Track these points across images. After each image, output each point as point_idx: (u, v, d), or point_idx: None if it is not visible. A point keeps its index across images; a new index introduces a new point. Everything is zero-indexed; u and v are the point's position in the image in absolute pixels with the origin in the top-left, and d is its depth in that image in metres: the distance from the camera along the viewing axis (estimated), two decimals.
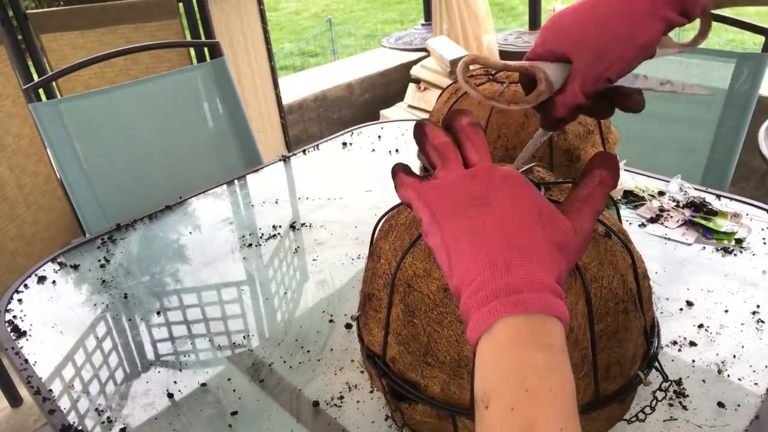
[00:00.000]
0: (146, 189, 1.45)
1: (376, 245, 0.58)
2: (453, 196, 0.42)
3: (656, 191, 1.07)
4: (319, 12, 7.26)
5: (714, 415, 0.64)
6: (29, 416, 1.73)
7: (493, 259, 0.38)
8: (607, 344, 0.52)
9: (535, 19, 3.53)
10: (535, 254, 0.39)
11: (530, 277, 0.37)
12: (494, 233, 0.39)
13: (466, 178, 0.42)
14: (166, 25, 1.98)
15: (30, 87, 1.29)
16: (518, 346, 0.36)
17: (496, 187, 0.41)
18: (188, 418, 0.70)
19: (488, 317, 0.37)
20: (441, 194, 0.42)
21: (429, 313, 0.51)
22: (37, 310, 0.92)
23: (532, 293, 0.37)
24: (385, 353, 0.56)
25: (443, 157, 0.44)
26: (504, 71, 0.88)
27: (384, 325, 0.55)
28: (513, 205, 0.40)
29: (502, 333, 0.36)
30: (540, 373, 0.35)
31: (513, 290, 0.37)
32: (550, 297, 0.37)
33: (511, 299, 0.37)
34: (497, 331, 0.37)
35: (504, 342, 0.36)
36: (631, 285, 0.53)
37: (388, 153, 1.35)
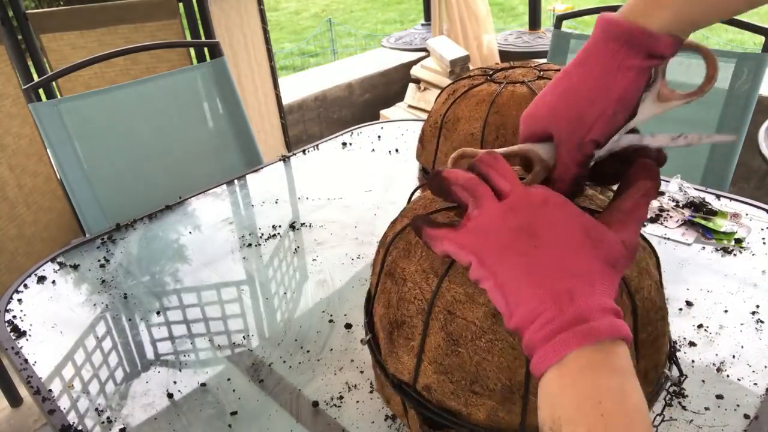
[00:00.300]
0: (146, 189, 1.45)
1: (396, 266, 0.55)
2: (496, 236, 0.40)
3: None
4: (319, 12, 7.26)
5: (713, 415, 0.64)
6: (29, 416, 1.73)
7: (555, 291, 0.38)
8: (648, 351, 0.51)
9: (535, 19, 3.52)
10: (595, 277, 0.38)
11: (595, 304, 0.37)
12: (550, 264, 0.39)
13: (505, 213, 0.41)
14: (166, 25, 1.98)
15: (30, 87, 1.29)
16: (591, 373, 0.36)
17: (538, 215, 0.40)
18: (188, 418, 0.70)
19: (560, 349, 0.36)
20: (483, 237, 0.41)
21: (476, 341, 0.48)
22: (37, 310, 0.92)
23: (600, 320, 0.37)
24: (416, 381, 0.53)
25: (474, 195, 0.42)
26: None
27: (417, 353, 0.52)
28: (561, 231, 0.39)
29: (574, 362, 0.36)
30: (615, 398, 0.35)
31: (581, 320, 0.37)
32: (615, 320, 0.37)
33: (582, 329, 0.36)
34: (569, 360, 0.36)
35: (576, 370, 0.36)
36: (661, 289, 0.53)
37: (388, 153, 1.35)
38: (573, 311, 0.37)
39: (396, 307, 0.54)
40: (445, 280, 0.50)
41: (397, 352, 0.55)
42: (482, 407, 0.50)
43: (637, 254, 0.52)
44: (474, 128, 0.84)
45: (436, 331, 0.50)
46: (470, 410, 0.50)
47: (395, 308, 0.54)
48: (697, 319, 0.78)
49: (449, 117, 0.89)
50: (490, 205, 0.41)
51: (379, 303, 0.57)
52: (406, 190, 1.18)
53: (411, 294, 0.52)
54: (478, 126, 0.83)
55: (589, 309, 0.37)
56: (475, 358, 0.49)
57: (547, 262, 0.39)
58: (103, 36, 1.97)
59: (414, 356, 0.53)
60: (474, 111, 0.84)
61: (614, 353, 0.36)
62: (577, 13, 1.60)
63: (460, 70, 2.99)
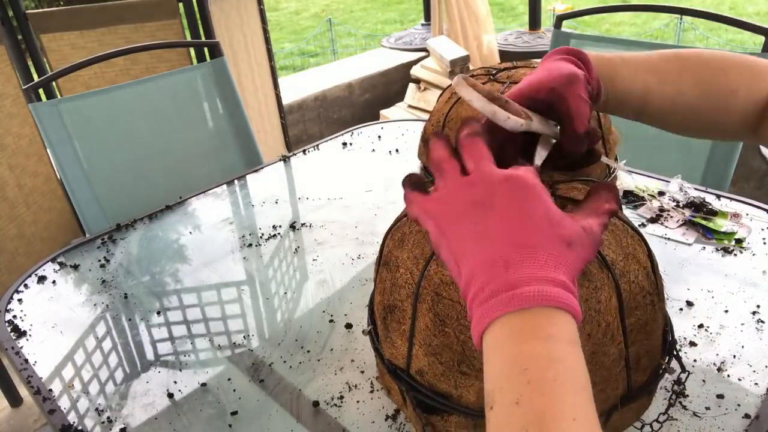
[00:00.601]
0: (146, 189, 1.44)
1: (391, 255, 0.57)
2: (454, 205, 0.41)
3: (656, 191, 1.07)
4: (319, 12, 7.26)
5: (714, 414, 0.64)
6: (29, 416, 1.73)
7: (493, 257, 0.38)
8: (637, 337, 0.52)
9: (535, 19, 3.52)
10: (540, 250, 0.38)
11: (530, 273, 0.37)
12: (497, 234, 0.39)
13: (464, 186, 0.42)
14: (166, 25, 1.98)
15: (30, 87, 1.29)
16: (516, 340, 0.35)
17: (497, 191, 0.41)
18: (188, 418, 0.70)
19: (486, 315, 0.36)
20: (443, 205, 0.42)
21: (461, 320, 0.50)
22: (37, 310, 0.92)
23: (530, 286, 0.36)
24: (410, 366, 0.54)
25: (439, 170, 0.45)
26: (507, 82, 0.88)
27: (408, 336, 0.54)
28: (516, 205, 0.40)
29: (500, 330, 0.36)
30: (541, 364, 0.34)
31: (509, 286, 0.36)
32: (552, 289, 0.36)
33: (507, 295, 0.36)
34: (495, 329, 0.36)
35: (501, 338, 0.36)
36: (652, 277, 0.54)
37: (388, 153, 1.35)
38: (504, 278, 0.37)
39: (389, 293, 0.56)
40: (432, 262, 0.52)
41: (392, 337, 0.56)
42: (471, 388, 0.51)
43: (625, 240, 0.53)
44: None
45: (424, 313, 0.52)
46: (461, 392, 0.51)
47: (389, 294, 0.56)
48: (698, 319, 0.78)
49: (452, 116, 0.89)
50: (453, 178, 0.43)
51: (376, 292, 0.59)
52: None
53: (402, 279, 0.54)
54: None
55: (521, 277, 0.36)
56: (461, 337, 0.50)
57: (496, 232, 0.39)
58: (103, 36, 1.96)
59: (406, 340, 0.54)
60: (477, 111, 0.84)
61: (547, 322, 0.35)
62: (577, 13, 1.60)
63: (460, 70, 2.99)
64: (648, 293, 0.52)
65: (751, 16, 5.44)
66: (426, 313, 0.52)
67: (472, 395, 0.51)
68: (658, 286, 0.54)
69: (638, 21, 5.41)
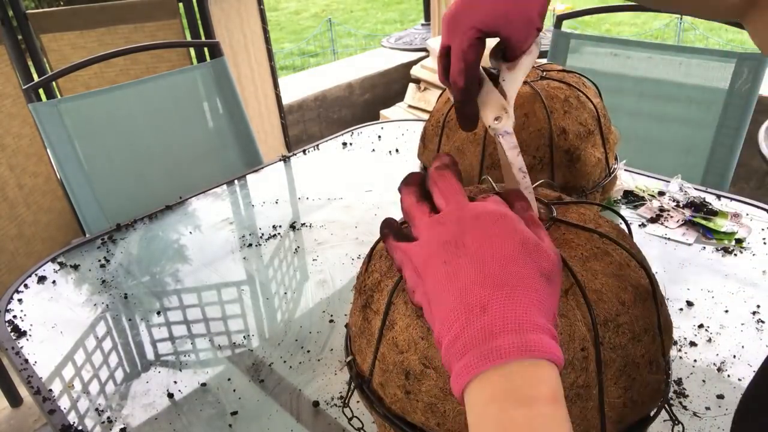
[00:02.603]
0: (146, 189, 1.44)
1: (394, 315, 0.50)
2: (426, 247, 0.39)
3: (656, 191, 1.07)
4: (319, 12, 7.26)
5: (714, 414, 0.64)
6: (29, 416, 1.73)
7: (470, 300, 0.35)
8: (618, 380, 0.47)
9: None
10: (519, 289, 0.35)
11: (509, 316, 0.34)
12: (470, 274, 0.36)
13: (433, 225, 0.40)
14: (166, 25, 1.98)
15: (30, 87, 1.29)
16: (494, 407, 0.32)
17: (467, 228, 0.38)
18: (188, 418, 0.70)
19: (464, 373, 0.33)
20: (418, 249, 0.40)
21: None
22: (37, 310, 0.92)
23: (509, 336, 0.33)
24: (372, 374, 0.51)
25: (410, 218, 0.43)
26: None
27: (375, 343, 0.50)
28: (489, 242, 0.37)
29: (479, 392, 0.33)
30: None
31: (486, 335, 0.33)
32: (533, 338, 0.33)
33: (485, 349, 0.33)
34: (474, 389, 0.33)
35: (482, 401, 0.33)
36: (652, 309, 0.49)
37: (388, 153, 1.35)
38: (481, 323, 0.33)
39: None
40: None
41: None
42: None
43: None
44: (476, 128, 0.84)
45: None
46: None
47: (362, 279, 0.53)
48: (698, 319, 0.78)
49: (452, 116, 0.89)
50: (422, 221, 0.41)
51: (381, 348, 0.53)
52: None
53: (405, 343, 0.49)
54: (481, 126, 0.83)
55: (498, 324, 0.33)
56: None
57: (469, 272, 0.36)
58: (103, 36, 1.97)
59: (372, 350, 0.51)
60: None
61: (527, 379, 0.32)
62: (577, 13, 1.60)
63: None
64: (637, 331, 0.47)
65: None
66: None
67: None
68: (659, 319, 0.49)
69: (638, 21, 5.41)
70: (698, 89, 1.40)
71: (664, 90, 1.46)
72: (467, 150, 0.88)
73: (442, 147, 0.93)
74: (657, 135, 1.49)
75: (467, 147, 0.88)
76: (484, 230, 0.38)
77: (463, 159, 0.89)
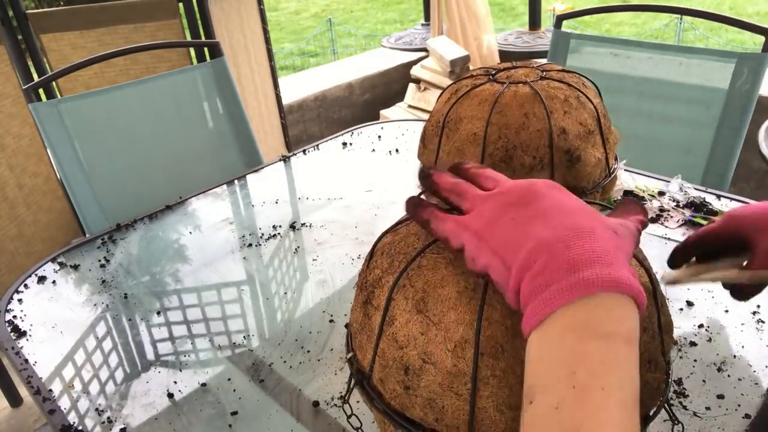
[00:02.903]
0: (146, 189, 1.44)
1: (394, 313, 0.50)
2: (490, 211, 0.39)
3: (656, 191, 1.07)
4: (319, 12, 7.26)
5: (714, 414, 0.64)
6: (29, 416, 1.73)
7: (547, 240, 0.35)
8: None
9: (535, 19, 3.52)
10: (596, 231, 0.35)
11: (595, 250, 0.33)
12: (542, 222, 0.36)
13: (492, 196, 0.40)
14: (166, 25, 1.98)
15: (30, 87, 1.29)
16: (571, 336, 0.32)
17: (527, 192, 0.39)
18: (188, 418, 0.70)
19: (542, 308, 0.33)
20: (478, 215, 0.40)
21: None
22: (37, 310, 0.92)
23: (597, 267, 0.32)
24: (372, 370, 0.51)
25: (458, 192, 0.43)
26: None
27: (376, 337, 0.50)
28: (556, 195, 0.38)
29: (558, 320, 0.32)
30: (592, 368, 0.31)
31: (574, 267, 0.33)
32: (618, 272, 0.33)
33: (571, 280, 0.32)
34: (552, 321, 0.33)
35: (558, 331, 0.32)
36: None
37: (388, 153, 1.35)
38: (564, 258, 0.33)
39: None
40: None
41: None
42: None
43: None
44: (476, 128, 0.84)
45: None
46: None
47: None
48: (698, 319, 0.78)
49: (451, 116, 0.89)
50: (477, 193, 0.42)
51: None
52: (406, 190, 1.18)
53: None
54: (481, 126, 0.83)
55: (582, 256, 0.33)
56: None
57: (544, 218, 0.36)
58: (103, 36, 1.97)
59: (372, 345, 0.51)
60: (476, 111, 0.84)
61: (609, 315, 0.32)
62: (577, 13, 1.60)
63: (460, 70, 2.99)
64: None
65: (751, 16, 5.44)
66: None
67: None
68: (659, 317, 0.48)
69: (638, 21, 5.41)
70: (698, 89, 1.40)
71: (664, 90, 1.46)
72: (467, 150, 0.88)
73: (442, 147, 0.93)
74: (657, 135, 1.49)
75: (467, 147, 0.88)
76: (545, 191, 0.39)
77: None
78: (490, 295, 0.43)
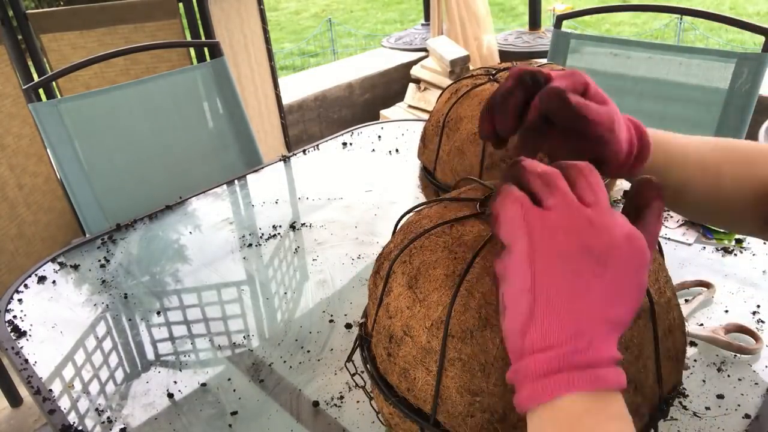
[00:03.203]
0: (146, 189, 1.44)
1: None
2: (565, 238, 0.36)
3: None
4: (319, 12, 7.26)
5: (714, 414, 0.64)
6: (29, 416, 1.73)
7: (582, 330, 0.36)
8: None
9: (535, 19, 3.52)
10: (621, 328, 0.37)
11: (607, 354, 0.36)
12: (597, 302, 0.36)
13: (584, 220, 0.36)
14: (166, 25, 1.98)
15: (30, 87, 1.29)
16: (592, 419, 0.35)
17: (616, 247, 0.36)
18: (188, 418, 0.70)
19: (557, 389, 0.35)
20: (551, 229, 0.36)
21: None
22: (37, 310, 0.92)
23: (609, 369, 0.36)
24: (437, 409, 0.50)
25: (550, 184, 0.37)
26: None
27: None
28: (625, 274, 0.36)
29: (571, 406, 0.35)
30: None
31: (590, 364, 0.36)
32: (621, 375, 0.37)
33: (589, 375, 0.35)
34: (564, 404, 0.35)
35: (575, 415, 0.35)
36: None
37: (388, 153, 1.35)
38: (586, 357, 0.36)
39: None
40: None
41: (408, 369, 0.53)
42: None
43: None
44: (476, 128, 0.84)
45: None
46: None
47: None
48: (698, 319, 0.78)
49: (452, 116, 0.89)
50: (570, 202, 0.36)
51: (382, 315, 0.55)
52: (406, 190, 1.18)
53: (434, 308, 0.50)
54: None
55: (601, 357, 0.36)
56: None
57: (597, 299, 0.36)
58: (103, 36, 1.97)
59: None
60: (476, 110, 0.84)
61: (614, 401, 0.36)
62: (577, 13, 1.60)
63: (460, 70, 2.99)
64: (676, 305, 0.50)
65: (751, 16, 5.44)
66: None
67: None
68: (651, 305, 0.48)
69: (638, 21, 5.41)
70: (698, 89, 1.40)
71: (664, 90, 1.46)
72: (467, 150, 0.88)
73: (443, 146, 0.93)
74: None
75: (467, 147, 0.88)
76: (628, 259, 0.36)
77: (463, 159, 0.89)
78: (472, 284, 0.45)
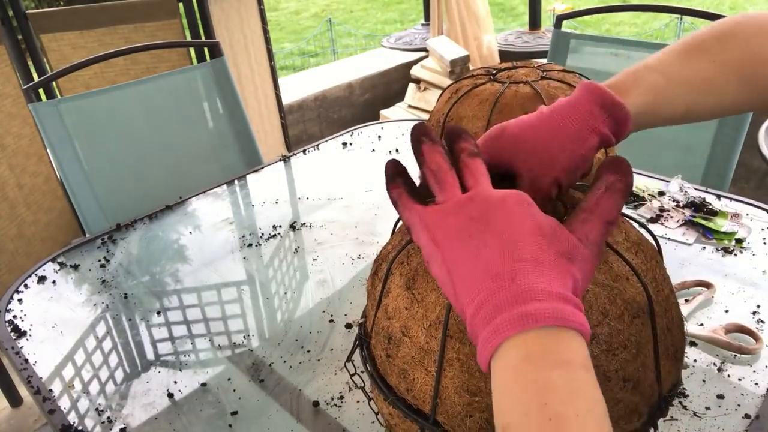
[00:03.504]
0: (146, 189, 1.44)
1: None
2: (453, 219, 0.40)
3: (656, 191, 1.07)
4: (319, 12, 7.26)
5: (714, 414, 0.64)
6: (29, 416, 1.73)
7: (497, 271, 0.36)
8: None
9: (535, 19, 3.52)
10: (543, 264, 0.36)
11: (539, 286, 0.34)
12: (496, 248, 0.37)
13: (464, 202, 0.41)
14: (166, 25, 1.98)
15: (30, 87, 1.29)
16: (531, 367, 0.32)
17: (493, 207, 0.40)
18: (188, 418, 0.70)
19: (495, 336, 0.34)
20: (441, 218, 0.41)
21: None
22: (37, 310, 0.92)
23: (541, 303, 0.34)
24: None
25: (440, 181, 0.43)
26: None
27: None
28: (512, 221, 0.39)
29: (512, 352, 0.33)
30: (561, 397, 0.31)
31: (518, 300, 0.34)
32: (563, 306, 0.34)
33: (517, 312, 0.34)
34: (506, 351, 0.33)
35: (516, 362, 0.33)
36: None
37: (388, 153, 1.35)
38: (512, 290, 0.34)
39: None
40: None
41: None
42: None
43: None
44: (477, 128, 0.84)
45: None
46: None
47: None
48: (698, 319, 0.78)
49: (452, 116, 0.89)
50: (455, 193, 0.42)
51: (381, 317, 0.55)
52: None
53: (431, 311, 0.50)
54: (481, 125, 0.83)
55: (530, 289, 0.34)
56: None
57: (494, 246, 0.37)
58: (103, 36, 1.97)
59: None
60: (477, 110, 0.84)
61: (561, 344, 0.33)
62: (577, 13, 1.60)
63: (460, 70, 2.99)
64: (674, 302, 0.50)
65: None
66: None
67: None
68: (650, 303, 0.48)
69: (638, 21, 5.41)
70: None
71: None
72: None
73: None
74: (657, 135, 1.48)
75: None
76: (508, 211, 0.39)
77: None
78: None
